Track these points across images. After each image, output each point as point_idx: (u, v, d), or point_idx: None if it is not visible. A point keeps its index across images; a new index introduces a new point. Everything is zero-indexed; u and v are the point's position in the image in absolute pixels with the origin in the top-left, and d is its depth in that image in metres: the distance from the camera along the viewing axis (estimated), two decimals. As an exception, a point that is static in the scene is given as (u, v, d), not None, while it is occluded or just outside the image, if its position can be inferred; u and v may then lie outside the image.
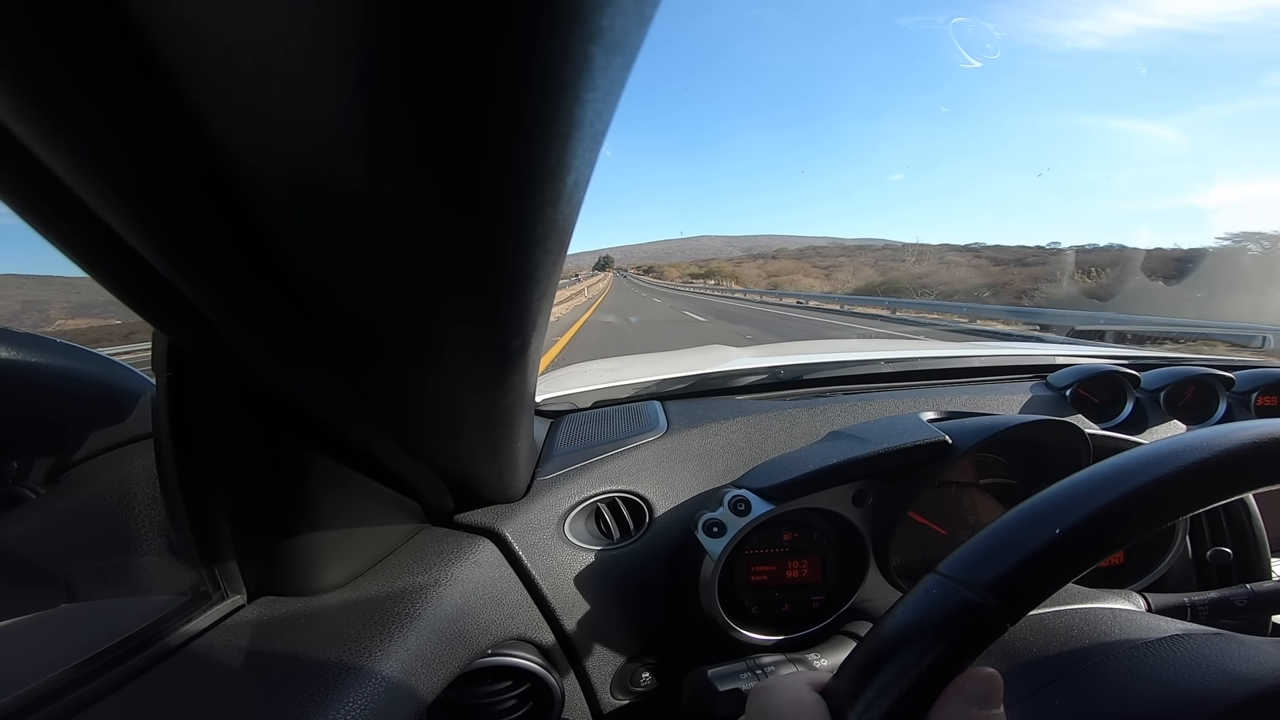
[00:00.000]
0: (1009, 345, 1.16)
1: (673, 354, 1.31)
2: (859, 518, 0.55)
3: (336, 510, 0.40)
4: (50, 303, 0.63)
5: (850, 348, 1.19)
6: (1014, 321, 9.69)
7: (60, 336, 0.43)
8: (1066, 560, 0.24)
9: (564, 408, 0.77)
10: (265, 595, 0.40)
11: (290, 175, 0.17)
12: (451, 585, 0.44)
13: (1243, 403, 0.87)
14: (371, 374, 0.29)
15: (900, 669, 0.23)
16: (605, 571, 0.55)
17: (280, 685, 0.33)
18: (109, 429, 0.43)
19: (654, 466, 0.62)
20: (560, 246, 0.21)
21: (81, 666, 0.31)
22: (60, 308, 0.64)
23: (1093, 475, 0.27)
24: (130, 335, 0.42)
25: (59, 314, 0.65)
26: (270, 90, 0.14)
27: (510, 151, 0.16)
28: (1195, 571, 0.63)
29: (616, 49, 0.14)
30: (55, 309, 0.64)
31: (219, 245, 0.21)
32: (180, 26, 0.14)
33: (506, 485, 0.52)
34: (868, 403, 0.74)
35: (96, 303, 0.48)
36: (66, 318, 0.66)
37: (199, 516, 0.36)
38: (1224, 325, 6.58)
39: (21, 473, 0.39)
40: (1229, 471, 0.26)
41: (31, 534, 0.39)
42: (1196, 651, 0.30)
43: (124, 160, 0.17)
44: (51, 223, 0.21)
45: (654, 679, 0.57)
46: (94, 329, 0.62)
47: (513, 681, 0.49)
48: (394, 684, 0.35)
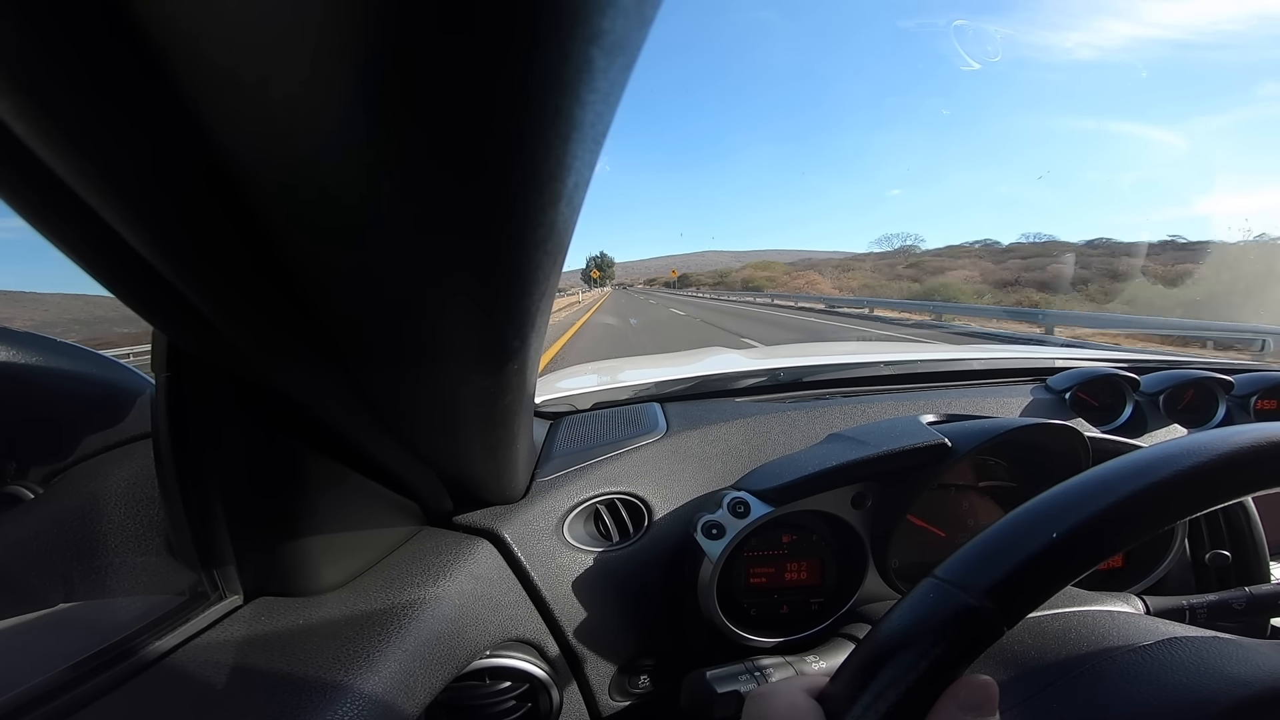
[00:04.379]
0: (1008, 348, 1.16)
1: (672, 356, 1.31)
2: (858, 520, 0.55)
3: (335, 511, 0.40)
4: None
5: (850, 350, 1.19)
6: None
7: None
8: (1063, 564, 0.24)
9: (563, 409, 0.77)
10: (263, 596, 0.40)
11: (289, 175, 0.17)
12: (450, 586, 0.44)
13: (1242, 406, 0.87)
14: (371, 375, 0.29)
15: (896, 674, 0.23)
16: (604, 573, 0.55)
17: (277, 686, 0.32)
18: (107, 429, 0.43)
19: (653, 468, 0.62)
20: (560, 248, 0.21)
21: (78, 666, 0.30)
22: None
23: (1090, 479, 0.27)
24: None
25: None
26: (270, 90, 0.14)
27: (510, 153, 0.16)
28: (1194, 574, 0.63)
29: (617, 51, 0.14)
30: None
31: (219, 245, 0.21)
32: (179, 25, 0.14)
33: (505, 486, 0.52)
34: (867, 405, 0.74)
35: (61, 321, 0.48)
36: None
37: (197, 516, 0.36)
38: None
39: (20, 472, 0.39)
40: (1228, 475, 0.26)
41: (30, 533, 0.38)
42: (1195, 654, 0.30)
43: (124, 159, 0.17)
44: (51, 222, 0.21)
45: (652, 681, 0.57)
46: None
47: (511, 683, 0.49)
48: (392, 685, 0.35)
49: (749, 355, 1.14)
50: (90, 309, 0.50)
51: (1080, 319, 9.03)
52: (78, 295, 0.49)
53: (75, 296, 0.50)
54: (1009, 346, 1.45)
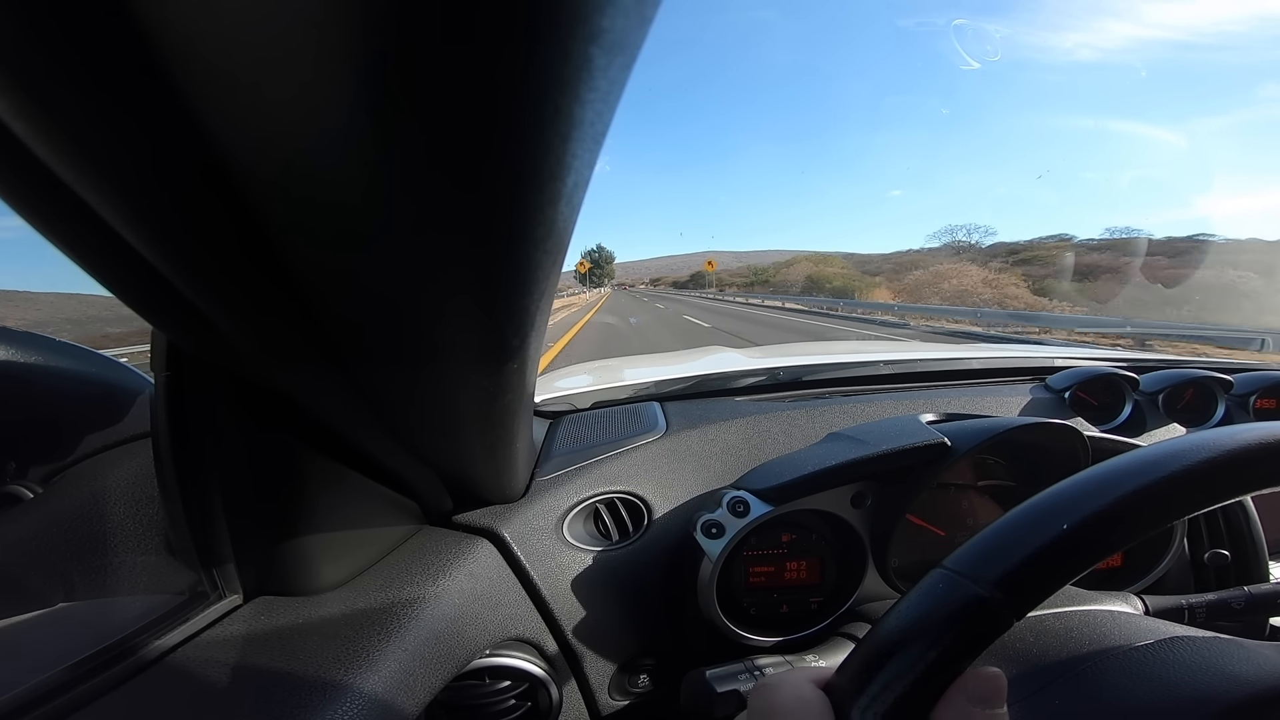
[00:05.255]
0: (1008, 347, 1.16)
1: (672, 355, 1.31)
2: (858, 519, 0.55)
3: (334, 510, 0.40)
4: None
5: (849, 350, 1.19)
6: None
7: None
8: (1072, 557, 0.25)
9: (563, 408, 0.77)
10: (262, 595, 0.40)
11: (288, 175, 0.17)
12: (449, 586, 0.44)
13: (1241, 405, 0.87)
14: (370, 374, 0.29)
15: (905, 664, 0.23)
16: (604, 572, 0.55)
17: (277, 685, 0.32)
18: (107, 428, 0.43)
19: (653, 467, 0.62)
20: (560, 247, 0.21)
21: (78, 666, 0.30)
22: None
23: (1099, 474, 0.27)
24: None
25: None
26: (269, 90, 0.14)
27: (510, 152, 0.16)
28: (1193, 574, 0.63)
29: (617, 50, 0.14)
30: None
31: (219, 245, 0.21)
32: (178, 25, 0.14)
33: (505, 486, 0.52)
34: (867, 404, 0.74)
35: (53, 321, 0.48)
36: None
37: (197, 516, 0.36)
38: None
39: (19, 471, 0.39)
40: (1230, 473, 0.26)
41: (29, 533, 0.38)
42: (1194, 654, 0.30)
43: (123, 158, 0.17)
44: (51, 222, 0.21)
45: (652, 680, 0.57)
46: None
47: (511, 682, 0.49)
48: (392, 684, 0.35)
49: (748, 354, 1.14)
50: (84, 308, 0.50)
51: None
52: (71, 294, 0.49)
53: (69, 296, 0.50)
54: (1008, 345, 1.45)
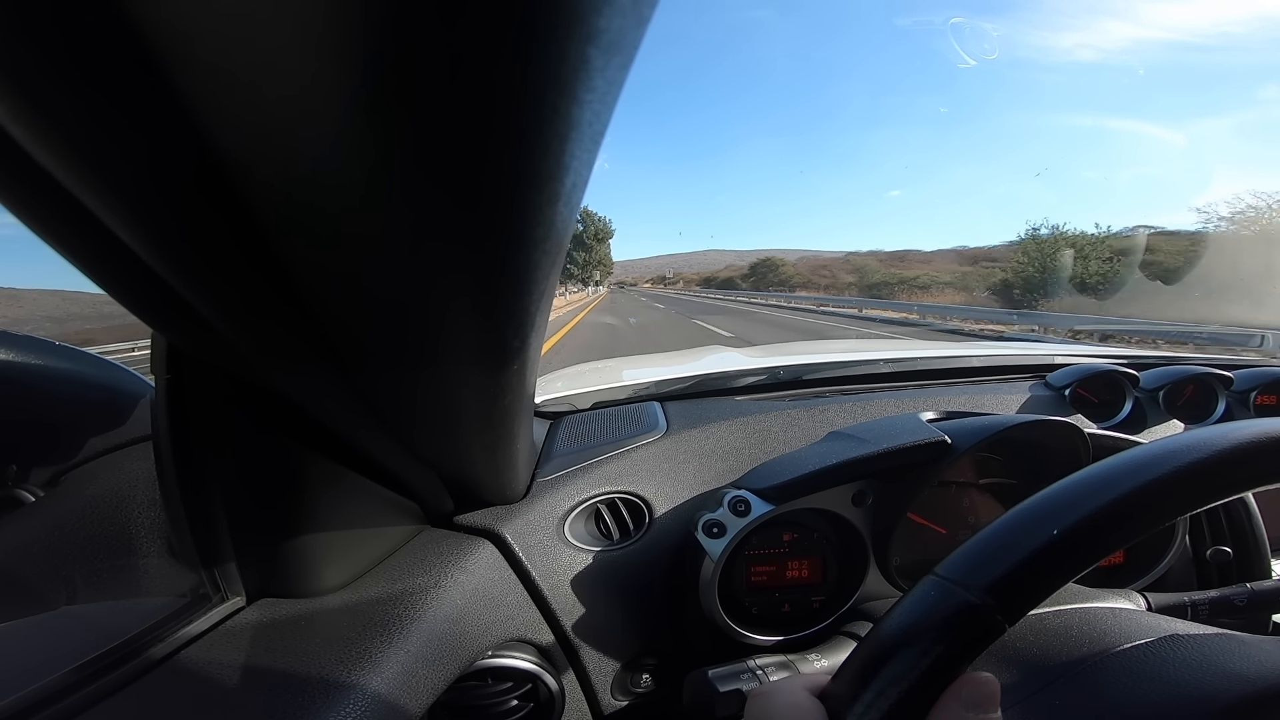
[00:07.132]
0: (1008, 345, 1.16)
1: (672, 355, 1.31)
2: (859, 518, 0.55)
3: (336, 512, 0.40)
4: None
5: (849, 348, 1.19)
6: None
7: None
8: (1064, 561, 0.24)
9: (563, 409, 0.77)
10: (265, 597, 0.40)
11: (288, 176, 0.17)
12: (451, 587, 0.44)
13: (1241, 402, 0.87)
14: (371, 376, 0.29)
15: (898, 672, 0.23)
16: (605, 572, 0.55)
17: (280, 687, 0.33)
18: (108, 431, 0.43)
19: (654, 467, 0.62)
20: (559, 248, 0.21)
21: (81, 669, 0.31)
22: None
23: (1090, 475, 0.27)
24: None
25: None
26: (266, 90, 0.14)
27: (508, 152, 0.16)
28: (1195, 571, 0.63)
29: (614, 50, 0.14)
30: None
31: (218, 247, 0.21)
32: (175, 25, 0.14)
33: (506, 486, 0.52)
34: (867, 403, 0.74)
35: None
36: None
37: (198, 518, 0.36)
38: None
39: (21, 475, 0.39)
40: (1228, 470, 0.26)
41: (32, 536, 0.38)
42: (1196, 651, 0.30)
43: (121, 160, 0.17)
44: (50, 225, 0.21)
45: (654, 680, 0.57)
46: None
47: (513, 683, 0.49)
48: (395, 685, 0.35)
49: (748, 354, 1.14)
50: (66, 305, 0.50)
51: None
52: (54, 291, 0.49)
53: (52, 292, 0.50)
54: (1008, 344, 1.45)
